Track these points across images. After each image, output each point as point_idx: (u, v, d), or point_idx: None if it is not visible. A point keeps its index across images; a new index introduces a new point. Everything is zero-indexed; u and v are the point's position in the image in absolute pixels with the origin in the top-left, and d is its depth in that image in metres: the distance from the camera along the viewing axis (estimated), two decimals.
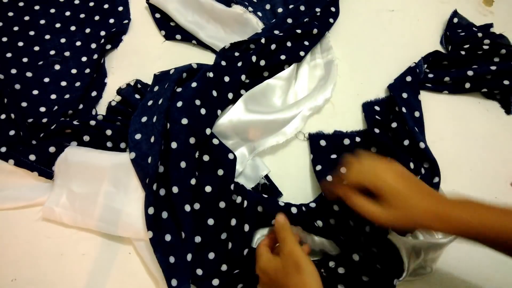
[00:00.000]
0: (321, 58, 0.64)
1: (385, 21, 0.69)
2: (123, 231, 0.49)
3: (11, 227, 0.51)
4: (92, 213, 0.50)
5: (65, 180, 0.51)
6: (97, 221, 0.49)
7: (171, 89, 0.53)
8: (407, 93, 0.58)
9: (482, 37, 0.63)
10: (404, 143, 0.54)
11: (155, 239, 0.47)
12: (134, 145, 0.52)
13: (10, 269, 0.49)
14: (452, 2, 0.71)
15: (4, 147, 0.54)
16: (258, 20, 0.64)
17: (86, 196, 0.50)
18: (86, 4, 0.68)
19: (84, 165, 0.51)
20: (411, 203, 0.40)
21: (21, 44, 0.64)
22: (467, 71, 0.61)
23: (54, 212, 0.50)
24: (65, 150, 0.52)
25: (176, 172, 0.49)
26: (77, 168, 0.51)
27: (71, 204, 0.50)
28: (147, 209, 0.48)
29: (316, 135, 0.57)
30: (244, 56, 0.58)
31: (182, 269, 0.47)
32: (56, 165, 0.51)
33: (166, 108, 0.52)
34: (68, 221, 0.50)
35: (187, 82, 0.56)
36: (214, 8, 0.64)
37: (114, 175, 0.50)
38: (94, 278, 0.49)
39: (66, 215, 0.50)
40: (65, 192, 0.51)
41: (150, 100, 0.55)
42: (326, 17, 0.66)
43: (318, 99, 0.60)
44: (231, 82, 0.57)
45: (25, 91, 0.60)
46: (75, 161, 0.51)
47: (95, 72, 0.61)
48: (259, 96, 0.59)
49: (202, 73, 0.56)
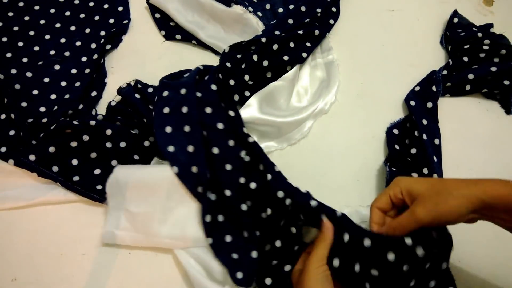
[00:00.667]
0: (322, 58, 0.64)
1: (385, 21, 0.69)
2: (186, 243, 0.49)
3: (11, 227, 0.51)
4: (157, 231, 0.49)
5: (119, 202, 0.50)
6: (163, 239, 0.49)
7: (194, 96, 0.53)
8: (427, 120, 0.58)
9: (482, 37, 0.63)
10: (424, 171, 0.54)
11: (216, 243, 0.48)
12: (172, 159, 0.50)
13: (10, 269, 0.49)
14: (452, 2, 0.71)
15: (4, 147, 0.54)
16: (258, 20, 0.64)
17: (146, 214, 0.49)
18: (86, 4, 0.68)
19: (138, 183, 0.50)
20: (449, 189, 0.38)
21: (21, 44, 0.64)
22: (468, 74, 0.61)
23: (116, 236, 0.49)
24: (114, 171, 0.50)
25: (224, 176, 0.50)
26: (131, 188, 0.50)
27: (131, 225, 0.49)
28: (204, 217, 0.48)
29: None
30: (246, 57, 0.58)
31: (247, 264, 0.47)
32: (108, 187, 0.50)
33: (197, 116, 0.51)
34: (132, 242, 0.49)
35: (201, 84, 0.55)
36: (214, 8, 0.64)
37: (168, 189, 0.50)
38: (94, 278, 0.49)
39: (129, 237, 0.49)
40: (122, 214, 0.50)
41: (166, 108, 0.53)
42: (327, 18, 0.66)
43: (323, 103, 0.60)
44: (236, 84, 0.57)
45: (25, 91, 0.60)
46: (127, 181, 0.50)
47: (95, 72, 0.61)
48: (269, 97, 0.59)
49: (213, 75, 0.56)
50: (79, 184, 0.52)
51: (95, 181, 0.53)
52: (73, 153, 0.53)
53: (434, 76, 0.61)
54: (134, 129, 0.56)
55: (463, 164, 0.58)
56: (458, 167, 0.57)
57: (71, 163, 0.53)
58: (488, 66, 0.61)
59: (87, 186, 0.52)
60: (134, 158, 0.53)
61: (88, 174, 0.53)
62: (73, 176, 0.52)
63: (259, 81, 0.59)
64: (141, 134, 0.55)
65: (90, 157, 0.54)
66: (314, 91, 0.62)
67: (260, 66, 0.59)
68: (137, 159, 0.54)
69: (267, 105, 0.59)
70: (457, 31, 0.66)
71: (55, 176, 0.52)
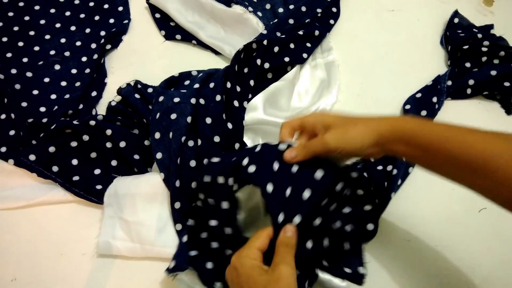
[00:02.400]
0: (322, 59, 0.64)
1: (385, 21, 0.69)
2: None
3: (11, 227, 0.51)
4: (153, 240, 0.48)
5: (116, 211, 0.50)
6: (159, 248, 0.48)
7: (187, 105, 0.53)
8: None
9: (482, 38, 0.63)
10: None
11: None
12: (160, 165, 0.51)
13: (10, 269, 0.49)
14: (452, 2, 0.71)
15: (4, 147, 0.54)
16: (258, 20, 0.64)
17: (142, 223, 0.49)
18: (86, 4, 0.68)
19: (135, 193, 0.50)
20: (357, 121, 0.40)
21: (21, 44, 0.64)
22: (469, 80, 0.61)
23: (111, 245, 0.48)
24: (113, 182, 0.51)
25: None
26: (128, 198, 0.50)
27: (127, 234, 0.49)
28: (175, 226, 0.49)
29: None
30: (249, 61, 0.58)
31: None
32: (106, 197, 0.50)
33: (184, 125, 0.52)
34: (128, 253, 0.49)
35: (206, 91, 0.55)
36: (214, 8, 0.65)
37: (163, 197, 0.50)
38: (94, 278, 0.49)
39: (125, 247, 0.49)
40: (117, 223, 0.50)
41: (157, 113, 0.54)
42: (327, 18, 0.67)
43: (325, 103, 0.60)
44: (242, 90, 0.57)
45: (25, 91, 0.60)
46: (124, 192, 0.50)
47: (95, 72, 0.61)
48: (271, 98, 0.59)
49: (220, 83, 0.55)
50: (79, 184, 0.52)
51: (95, 181, 0.53)
52: (73, 153, 0.54)
53: (439, 86, 0.61)
54: (134, 129, 0.56)
55: None
56: None
57: (71, 163, 0.53)
58: (488, 70, 0.61)
59: (87, 186, 0.52)
60: (134, 158, 0.53)
61: (88, 174, 0.53)
62: (73, 176, 0.52)
63: (261, 82, 0.59)
64: (141, 134, 0.55)
65: (90, 157, 0.54)
66: (315, 91, 0.62)
67: (262, 68, 0.59)
68: (137, 159, 0.54)
69: (270, 106, 0.59)
70: (457, 32, 0.66)
71: (54, 177, 0.51)
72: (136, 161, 0.53)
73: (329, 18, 0.67)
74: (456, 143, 0.35)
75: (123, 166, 0.54)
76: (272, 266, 0.37)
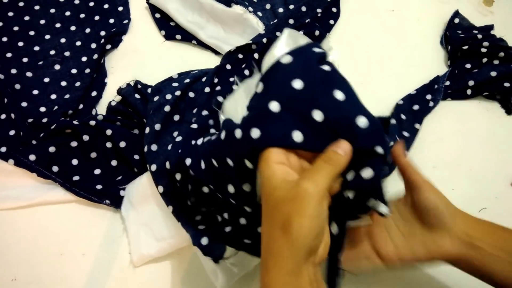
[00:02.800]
0: None
1: (385, 21, 0.69)
2: None
3: (11, 227, 0.51)
4: (173, 232, 0.48)
5: (135, 222, 0.50)
6: (179, 237, 0.48)
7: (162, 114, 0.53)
8: (406, 117, 0.58)
9: (482, 39, 0.63)
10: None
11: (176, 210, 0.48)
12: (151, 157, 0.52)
13: (10, 269, 0.49)
14: (452, 2, 0.71)
15: (4, 147, 0.54)
16: (258, 20, 0.64)
17: (158, 219, 0.49)
18: (86, 4, 0.68)
19: (145, 195, 0.50)
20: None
21: (21, 44, 0.64)
22: (469, 81, 0.61)
23: (144, 255, 0.49)
24: (125, 194, 0.51)
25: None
26: (141, 202, 0.50)
27: (151, 237, 0.49)
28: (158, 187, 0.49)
29: None
30: (247, 57, 0.58)
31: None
32: (123, 211, 0.51)
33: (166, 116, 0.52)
34: (158, 253, 0.49)
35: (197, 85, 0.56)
36: (214, 8, 0.64)
37: None
38: (94, 278, 0.49)
39: (155, 250, 0.49)
40: (141, 231, 0.50)
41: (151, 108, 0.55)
42: (327, 18, 0.66)
43: None
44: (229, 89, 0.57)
45: (25, 91, 0.60)
46: (137, 199, 0.51)
47: (95, 72, 0.61)
48: None
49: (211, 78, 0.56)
50: (79, 184, 0.52)
51: (95, 181, 0.53)
52: (73, 153, 0.54)
53: (436, 86, 0.61)
54: (134, 129, 0.56)
55: (463, 164, 0.58)
56: (458, 167, 0.57)
57: (71, 163, 0.53)
58: (488, 71, 0.61)
59: (87, 186, 0.52)
60: (134, 158, 0.53)
61: (88, 174, 0.53)
62: (73, 176, 0.52)
63: None
64: (141, 134, 0.55)
65: (90, 157, 0.54)
66: None
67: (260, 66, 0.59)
68: (137, 159, 0.54)
69: None
70: (457, 32, 0.66)
71: (54, 177, 0.52)
72: (136, 161, 0.53)
73: (329, 18, 0.67)
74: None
75: (123, 166, 0.54)
76: (297, 180, 0.29)
